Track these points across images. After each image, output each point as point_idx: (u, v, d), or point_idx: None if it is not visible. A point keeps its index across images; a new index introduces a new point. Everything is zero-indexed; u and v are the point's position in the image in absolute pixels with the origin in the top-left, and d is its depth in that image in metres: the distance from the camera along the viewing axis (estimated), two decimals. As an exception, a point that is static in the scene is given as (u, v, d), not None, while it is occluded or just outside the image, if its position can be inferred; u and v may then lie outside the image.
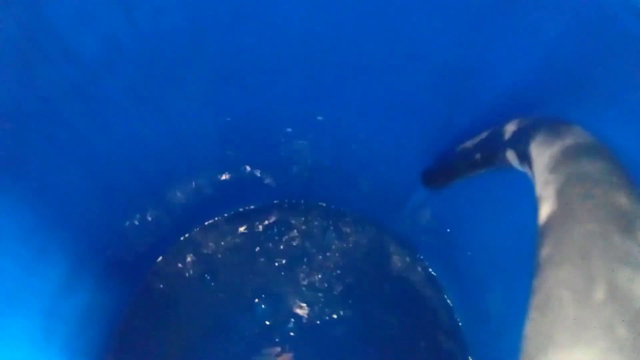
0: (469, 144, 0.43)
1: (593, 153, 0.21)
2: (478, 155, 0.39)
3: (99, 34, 0.40)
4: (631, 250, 0.17)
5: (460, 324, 0.65)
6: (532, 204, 0.48)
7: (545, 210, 0.20)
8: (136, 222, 0.60)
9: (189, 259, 0.68)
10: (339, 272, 0.68)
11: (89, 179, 0.51)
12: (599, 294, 0.16)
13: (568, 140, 0.23)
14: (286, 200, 0.70)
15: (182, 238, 0.69)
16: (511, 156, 0.32)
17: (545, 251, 0.18)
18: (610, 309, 0.16)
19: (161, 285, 0.67)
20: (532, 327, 0.18)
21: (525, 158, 0.27)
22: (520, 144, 0.28)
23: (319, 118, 0.55)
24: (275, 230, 0.70)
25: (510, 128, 0.33)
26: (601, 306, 0.16)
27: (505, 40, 0.40)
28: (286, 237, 0.70)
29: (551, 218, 0.19)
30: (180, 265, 0.68)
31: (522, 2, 0.36)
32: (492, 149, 0.36)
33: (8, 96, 0.39)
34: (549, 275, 0.18)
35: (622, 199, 0.18)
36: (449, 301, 0.66)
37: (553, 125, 0.25)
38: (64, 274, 0.53)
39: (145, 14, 0.40)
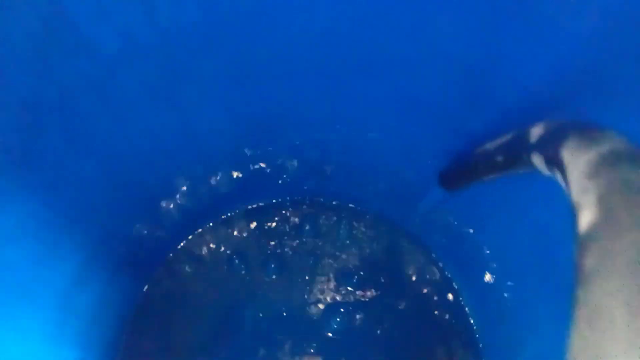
0: (489, 145, 0.42)
1: (633, 160, 0.21)
2: (500, 158, 0.39)
3: (118, 29, 0.39)
4: None
5: (474, 327, 0.64)
6: (552, 207, 0.48)
7: (585, 219, 0.20)
8: (149, 217, 0.60)
9: (200, 255, 0.68)
10: (351, 271, 0.67)
11: (103, 174, 0.51)
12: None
13: (604, 146, 0.22)
14: (299, 198, 0.70)
15: (194, 234, 0.69)
16: (537, 160, 0.31)
17: (589, 262, 0.18)
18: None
19: (172, 280, 0.67)
20: (580, 340, 0.17)
21: (554, 163, 0.27)
22: (549, 148, 0.28)
23: (334, 115, 0.54)
24: (288, 227, 0.69)
25: (536, 131, 0.33)
26: None
27: (527, 39, 0.39)
28: (299, 234, 0.69)
29: (594, 227, 0.19)
30: (191, 261, 0.68)
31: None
32: (516, 152, 0.35)
33: (26, 89, 0.39)
34: (596, 287, 0.17)
35: (670, 208, 0.18)
36: (463, 303, 0.66)
37: (586, 130, 0.25)
38: (76, 268, 0.53)
39: (164, 10, 0.40)
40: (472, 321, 0.64)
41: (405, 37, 0.43)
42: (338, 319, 0.65)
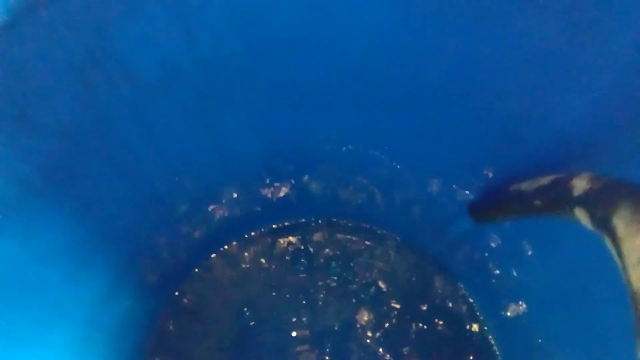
0: (526, 187, 0.41)
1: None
2: (538, 202, 0.38)
3: (160, 58, 0.40)
4: None
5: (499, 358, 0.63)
6: (584, 242, 0.47)
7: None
8: (176, 236, 0.60)
9: (223, 272, 0.68)
10: (375, 294, 0.67)
11: (136, 194, 0.51)
12: None
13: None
14: (326, 219, 0.70)
15: (218, 251, 0.69)
16: (581, 215, 0.31)
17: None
18: None
19: (196, 296, 0.67)
20: None
21: (604, 227, 0.26)
22: (598, 209, 0.27)
23: (366, 143, 0.54)
24: (313, 247, 0.69)
25: (580, 184, 0.32)
26: None
27: (568, 84, 0.39)
28: (324, 255, 0.69)
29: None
30: (215, 277, 0.68)
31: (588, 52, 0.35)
32: (557, 201, 0.35)
33: (68, 115, 0.39)
34: None
35: None
36: (488, 332, 0.65)
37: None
38: (105, 285, 0.54)
39: (205, 41, 0.40)
40: (496, 352, 0.63)
41: (446, 75, 0.43)
42: (360, 342, 0.65)
